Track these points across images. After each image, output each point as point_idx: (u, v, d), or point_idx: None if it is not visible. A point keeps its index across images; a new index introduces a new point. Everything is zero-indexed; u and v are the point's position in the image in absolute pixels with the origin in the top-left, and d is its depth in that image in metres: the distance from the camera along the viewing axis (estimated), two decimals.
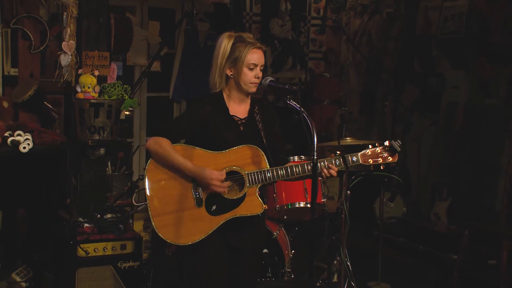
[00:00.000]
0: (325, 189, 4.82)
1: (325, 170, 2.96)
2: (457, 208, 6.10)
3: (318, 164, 2.91)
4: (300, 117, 2.84)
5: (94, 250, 4.04)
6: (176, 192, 2.96)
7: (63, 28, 4.42)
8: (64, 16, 4.36)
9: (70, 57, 4.37)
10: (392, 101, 7.01)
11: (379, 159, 3.00)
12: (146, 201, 2.99)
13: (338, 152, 4.66)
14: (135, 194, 4.47)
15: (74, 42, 4.38)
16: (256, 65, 2.98)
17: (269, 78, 3.06)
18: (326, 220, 4.69)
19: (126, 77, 6.41)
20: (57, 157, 4.47)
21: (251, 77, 2.98)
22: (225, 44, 2.99)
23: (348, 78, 7.87)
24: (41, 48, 4.70)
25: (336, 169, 2.98)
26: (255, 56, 2.97)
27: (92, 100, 4.26)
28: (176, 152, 2.93)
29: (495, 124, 5.99)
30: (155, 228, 2.95)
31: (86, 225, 4.23)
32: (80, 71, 4.37)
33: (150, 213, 2.96)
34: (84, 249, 4.01)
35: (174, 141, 2.97)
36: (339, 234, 4.38)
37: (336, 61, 7.97)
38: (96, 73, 4.33)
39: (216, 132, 2.99)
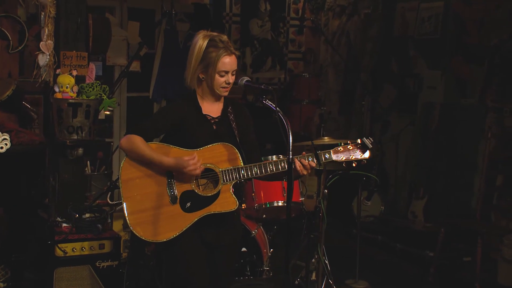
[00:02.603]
0: (303, 188, 4.86)
1: (298, 167, 2.95)
2: (433, 206, 6.18)
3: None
4: (277, 117, 2.87)
5: (72, 250, 4.04)
6: (150, 190, 2.98)
7: (41, 28, 4.42)
8: (42, 16, 4.36)
9: (48, 57, 4.37)
10: (370, 101, 7.08)
11: (351, 156, 3.03)
12: (121, 199, 3.01)
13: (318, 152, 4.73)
14: (110, 193, 4.48)
15: (52, 42, 4.37)
16: (227, 72, 2.98)
17: (246, 78, 3.08)
18: (304, 218, 4.73)
19: (106, 77, 6.40)
20: (36, 157, 4.47)
21: (221, 82, 3.00)
22: (199, 46, 2.99)
23: (327, 78, 7.93)
24: (20, 48, 4.68)
25: (312, 163, 2.99)
26: (226, 63, 2.96)
27: (70, 100, 4.26)
28: (148, 148, 2.95)
29: (471, 123, 6.08)
30: (130, 226, 2.97)
31: (64, 224, 4.24)
32: (58, 71, 4.36)
33: (125, 211, 2.98)
34: (62, 249, 4.01)
35: (148, 139, 2.99)
36: (317, 233, 4.43)
37: (315, 61, 8.03)
38: (74, 73, 4.33)
39: (190, 131, 3.02)
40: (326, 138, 4.65)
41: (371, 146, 3.00)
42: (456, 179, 6.15)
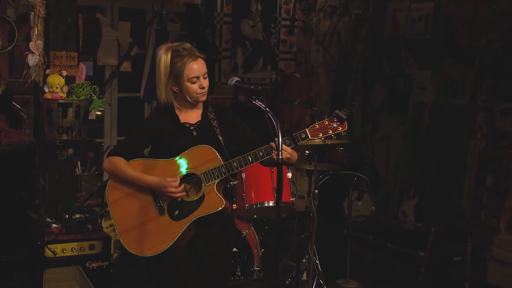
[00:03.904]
0: (294, 188, 4.86)
1: (274, 156, 2.87)
2: (424, 206, 6.19)
3: (269, 148, 2.92)
4: (267, 117, 2.86)
5: (62, 251, 4.03)
6: (138, 207, 3.01)
7: (31, 28, 4.40)
8: (32, 16, 4.34)
9: (38, 57, 4.36)
10: (361, 101, 7.09)
11: (328, 130, 2.98)
12: (112, 220, 3.05)
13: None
14: (103, 219, 4.49)
15: (41, 42, 4.36)
16: (198, 77, 2.96)
17: (235, 78, 3.08)
18: (295, 218, 4.73)
19: (97, 78, 6.38)
20: (26, 157, 4.46)
21: (196, 89, 2.97)
22: (164, 60, 2.96)
23: (318, 78, 7.94)
24: (9, 48, 4.66)
25: (288, 149, 2.94)
26: (194, 69, 2.94)
27: (60, 100, 4.25)
28: (130, 168, 2.98)
29: (462, 123, 6.10)
30: (124, 245, 3.01)
31: (54, 225, 4.23)
32: (48, 71, 4.35)
33: (116, 231, 3.02)
34: (52, 250, 3.99)
35: (129, 157, 3.00)
36: (308, 233, 4.43)
37: (306, 62, 8.04)
38: (64, 73, 4.32)
39: (169, 141, 3.01)
40: (316, 138, 4.64)
41: (345, 117, 2.95)
42: (447, 179, 6.16)
